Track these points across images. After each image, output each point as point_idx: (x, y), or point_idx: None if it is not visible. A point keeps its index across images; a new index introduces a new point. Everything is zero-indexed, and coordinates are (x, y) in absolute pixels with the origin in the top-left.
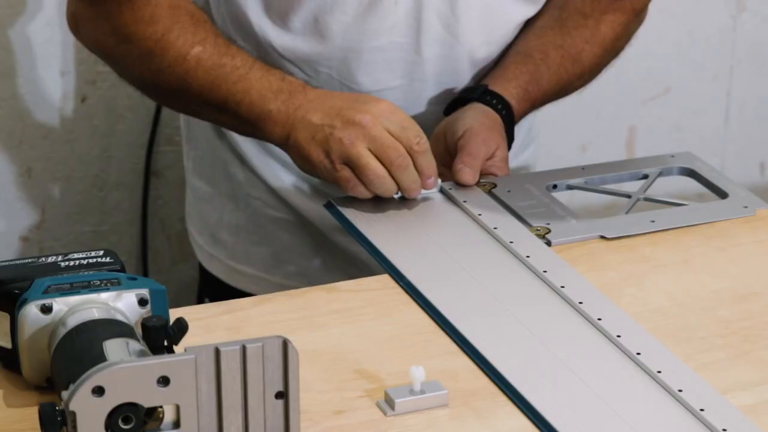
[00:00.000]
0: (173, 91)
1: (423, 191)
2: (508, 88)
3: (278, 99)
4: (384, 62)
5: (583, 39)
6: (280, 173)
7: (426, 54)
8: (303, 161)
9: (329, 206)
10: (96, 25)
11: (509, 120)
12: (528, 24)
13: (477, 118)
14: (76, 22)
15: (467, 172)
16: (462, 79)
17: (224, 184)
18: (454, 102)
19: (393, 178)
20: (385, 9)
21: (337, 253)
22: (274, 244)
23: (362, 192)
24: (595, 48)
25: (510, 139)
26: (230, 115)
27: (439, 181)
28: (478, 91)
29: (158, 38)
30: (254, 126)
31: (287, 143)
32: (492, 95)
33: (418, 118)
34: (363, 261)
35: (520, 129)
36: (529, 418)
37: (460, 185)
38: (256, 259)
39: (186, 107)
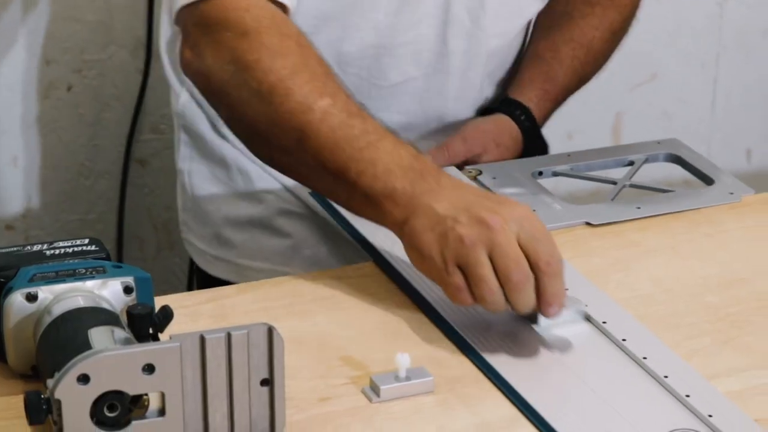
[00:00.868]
0: (287, 144)
1: (552, 317)
2: (525, 93)
3: (406, 177)
4: (411, 55)
5: (592, 27)
6: None
7: (451, 46)
8: (414, 252)
9: (314, 194)
10: (212, 49)
11: (531, 124)
12: (536, 27)
13: (475, 121)
14: (190, 53)
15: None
16: (479, 72)
17: (232, 183)
18: (482, 112)
19: (506, 296)
20: (417, 2)
21: (348, 242)
22: (290, 236)
23: (468, 302)
24: (605, 33)
25: (540, 143)
26: (346, 185)
27: (569, 311)
28: (497, 101)
29: (284, 76)
30: (371, 202)
31: (403, 228)
32: (509, 102)
33: (439, 111)
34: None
35: None
36: (515, 404)
37: None
38: (271, 253)
39: (297, 167)
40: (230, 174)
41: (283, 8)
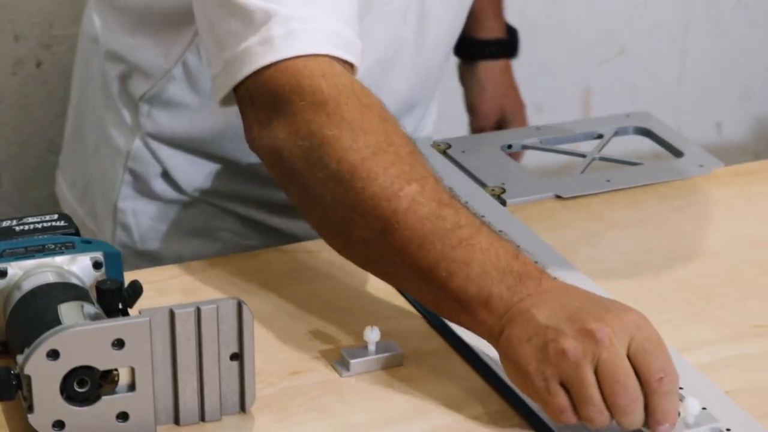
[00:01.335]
0: (368, 236)
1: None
2: (485, 25)
3: (503, 282)
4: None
5: None
6: (253, 196)
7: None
8: (510, 365)
9: None
10: (286, 126)
11: (500, 44)
12: None
13: (476, 92)
14: (258, 128)
15: None
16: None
17: (184, 222)
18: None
19: (612, 416)
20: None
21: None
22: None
23: (573, 422)
24: None
25: (514, 44)
26: (435, 286)
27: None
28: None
29: (367, 156)
30: (464, 307)
31: (498, 339)
32: (478, 45)
33: (428, 71)
34: None
35: None
36: (484, 377)
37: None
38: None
39: (379, 262)
40: (183, 213)
41: (351, 67)
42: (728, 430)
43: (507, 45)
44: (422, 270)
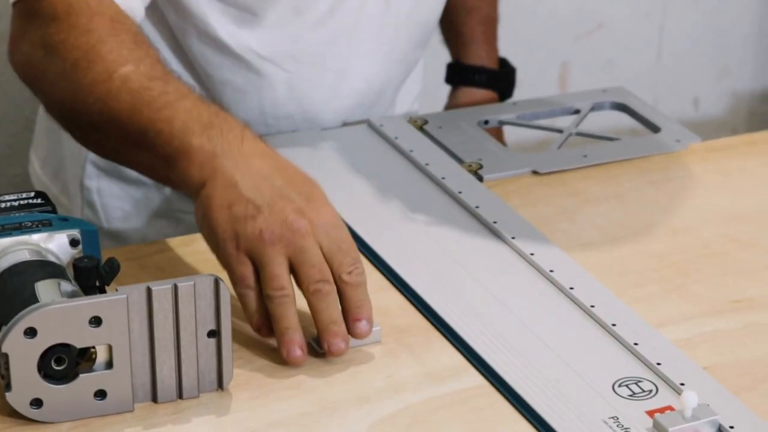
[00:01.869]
0: (92, 119)
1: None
2: (474, 51)
3: (204, 133)
4: None
5: None
6: None
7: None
8: (205, 225)
9: None
10: (28, 37)
11: (490, 75)
12: None
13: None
14: (12, 44)
15: None
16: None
17: (148, 202)
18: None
19: (310, 307)
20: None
21: None
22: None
23: (250, 294)
24: None
25: (509, 81)
26: (147, 151)
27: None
28: (453, 72)
29: (88, 48)
30: (169, 165)
31: (199, 193)
32: (466, 70)
33: (392, 47)
34: None
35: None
36: (462, 353)
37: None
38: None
39: (105, 143)
40: (146, 193)
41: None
42: (732, 428)
43: (497, 77)
44: (134, 137)
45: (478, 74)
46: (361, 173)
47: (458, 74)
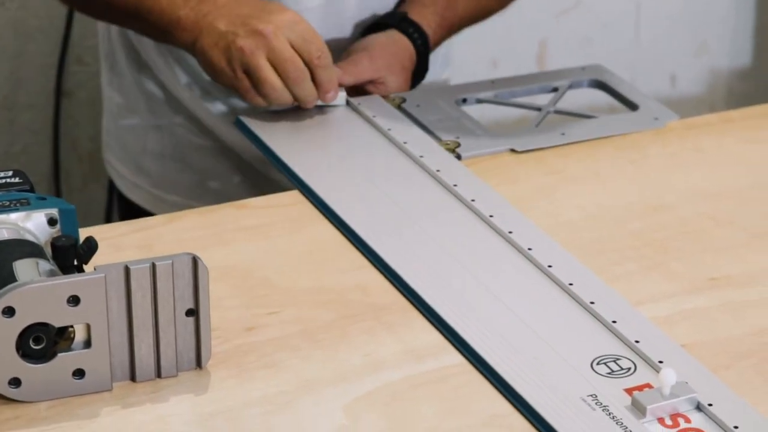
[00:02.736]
0: None
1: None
2: (425, 15)
3: (187, 6)
4: None
5: None
6: (203, 102)
7: None
8: (207, 67)
9: (238, 122)
10: None
11: (424, 49)
12: None
13: (380, 41)
14: None
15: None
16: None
17: (148, 114)
18: (371, 27)
19: (289, 90)
20: None
21: (258, 177)
22: (198, 172)
23: (259, 102)
24: None
25: (424, 68)
26: (141, 21)
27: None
28: (396, 17)
29: None
30: (164, 33)
31: (194, 49)
32: (409, 23)
33: (339, 40)
34: (282, 184)
35: (439, 51)
36: (440, 331)
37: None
38: (181, 187)
39: (98, 12)
40: (144, 106)
41: None
42: (710, 405)
43: (426, 44)
44: (132, 10)
45: (422, 39)
46: (339, 152)
47: (401, 23)
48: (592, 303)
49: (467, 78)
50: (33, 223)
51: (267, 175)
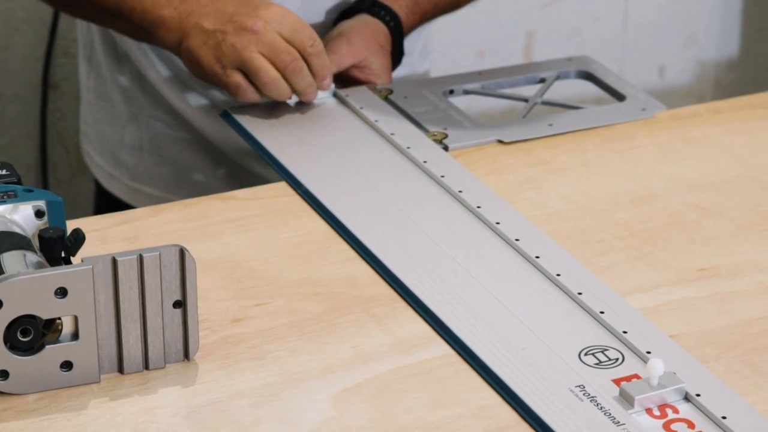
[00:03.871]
0: None
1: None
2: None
3: (170, 5)
4: None
5: None
6: (181, 94)
7: None
8: (195, 67)
9: (225, 115)
10: None
11: (398, 32)
12: None
13: (353, 25)
14: None
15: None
16: None
17: (125, 106)
18: (343, 13)
19: (288, 82)
20: None
21: (237, 170)
22: (175, 165)
23: (252, 96)
24: None
25: (400, 52)
26: (124, 21)
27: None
28: (366, 2)
29: None
30: (148, 33)
31: (180, 49)
32: (380, 6)
33: (316, 28)
34: (264, 177)
35: (417, 42)
36: (428, 322)
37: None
38: (159, 180)
39: (80, 12)
40: (121, 98)
41: None
42: (698, 395)
43: (398, 26)
44: (112, 12)
45: (394, 21)
46: (327, 143)
47: (373, 7)
48: (579, 294)
49: (454, 69)
50: (20, 215)
51: (247, 168)
